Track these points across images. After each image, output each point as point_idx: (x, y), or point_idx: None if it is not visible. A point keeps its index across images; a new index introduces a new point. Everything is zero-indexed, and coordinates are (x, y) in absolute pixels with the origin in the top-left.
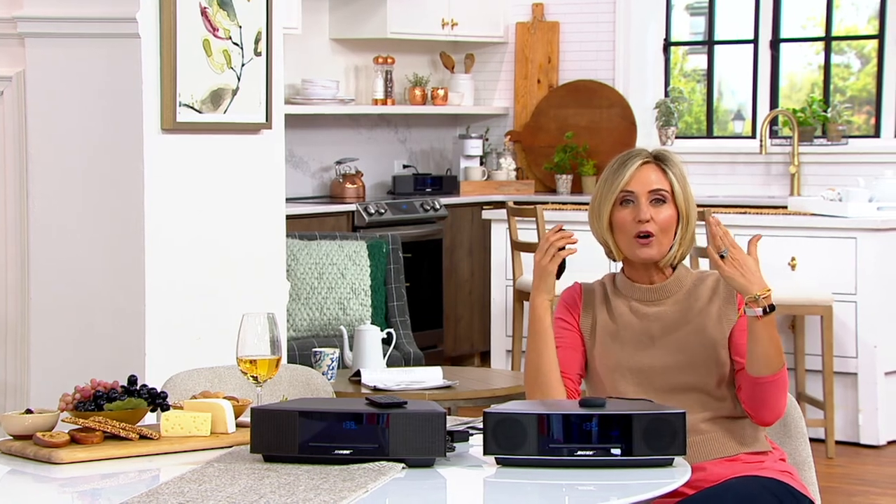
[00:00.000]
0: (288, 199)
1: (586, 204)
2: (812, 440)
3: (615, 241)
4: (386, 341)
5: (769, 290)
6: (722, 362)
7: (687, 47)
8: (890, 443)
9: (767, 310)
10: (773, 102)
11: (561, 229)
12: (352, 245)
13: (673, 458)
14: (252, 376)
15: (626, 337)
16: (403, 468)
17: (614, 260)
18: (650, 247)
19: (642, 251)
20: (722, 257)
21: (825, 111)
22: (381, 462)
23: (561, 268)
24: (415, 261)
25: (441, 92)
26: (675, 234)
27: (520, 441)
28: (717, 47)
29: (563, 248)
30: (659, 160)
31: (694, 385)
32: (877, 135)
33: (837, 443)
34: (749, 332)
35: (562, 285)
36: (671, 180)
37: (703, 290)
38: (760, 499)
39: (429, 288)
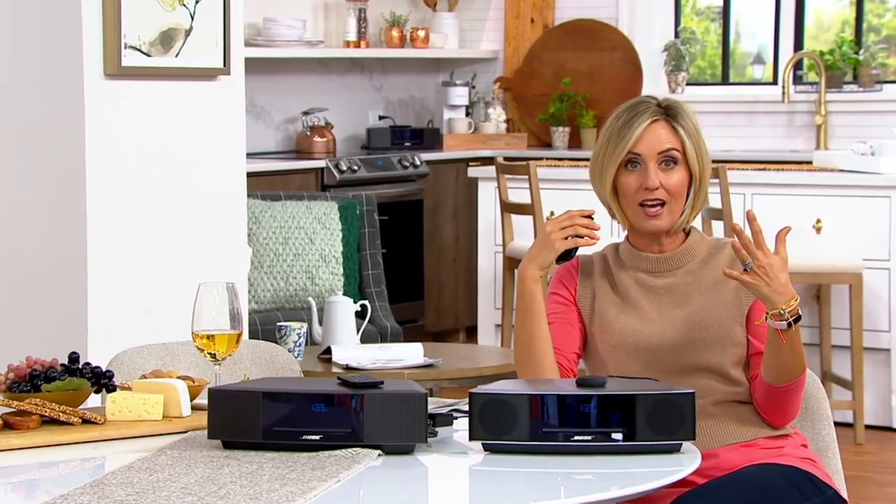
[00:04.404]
0: (249, 155)
1: (585, 160)
2: (838, 424)
3: (620, 207)
4: (360, 314)
5: (796, 300)
6: (738, 341)
7: None
8: None
9: (793, 323)
10: (798, 44)
11: (590, 217)
12: (321, 206)
13: (681, 444)
14: (209, 353)
15: (631, 312)
16: (380, 455)
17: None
18: (660, 218)
19: (650, 223)
20: (745, 269)
21: (857, 53)
22: (355, 449)
23: (568, 254)
24: (392, 224)
25: (421, 33)
26: (687, 197)
27: (510, 425)
28: None
29: (583, 237)
30: (669, 115)
31: (707, 366)
32: None
33: (867, 427)
34: (769, 343)
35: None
36: (682, 138)
37: (719, 259)
38: (779, 489)
39: (408, 255)
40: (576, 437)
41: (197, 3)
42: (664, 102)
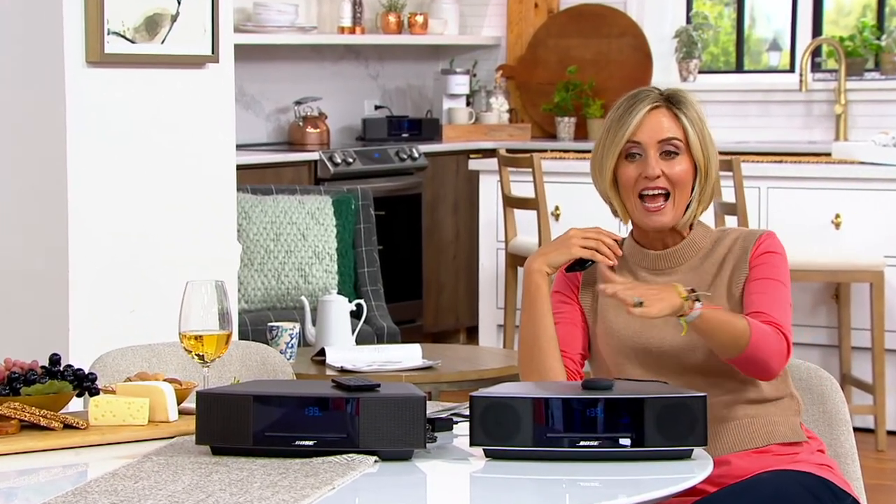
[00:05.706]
0: (238, 146)
1: (591, 151)
2: (858, 430)
3: (621, 201)
4: (355, 314)
5: (677, 286)
6: None
7: None
8: None
9: (699, 299)
10: (816, 29)
11: (617, 242)
12: (314, 201)
13: (692, 450)
14: (197, 355)
15: None
16: (376, 462)
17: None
18: (662, 213)
19: (652, 219)
20: (640, 305)
21: (878, 39)
22: (350, 455)
23: (578, 265)
24: (389, 219)
25: (420, 19)
26: (692, 189)
27: (512, 430)
28: None
29: (602, 253)
30: (671, 103)
31: (711, 367)
32: None
33: (889, 433)
34: (701, 335)
35: None
36: (685, 126)
37: (719, 251)
38: (794, 496)
39: (406, 251)
40: (582, 443)
41: None
42: (666, 91)
